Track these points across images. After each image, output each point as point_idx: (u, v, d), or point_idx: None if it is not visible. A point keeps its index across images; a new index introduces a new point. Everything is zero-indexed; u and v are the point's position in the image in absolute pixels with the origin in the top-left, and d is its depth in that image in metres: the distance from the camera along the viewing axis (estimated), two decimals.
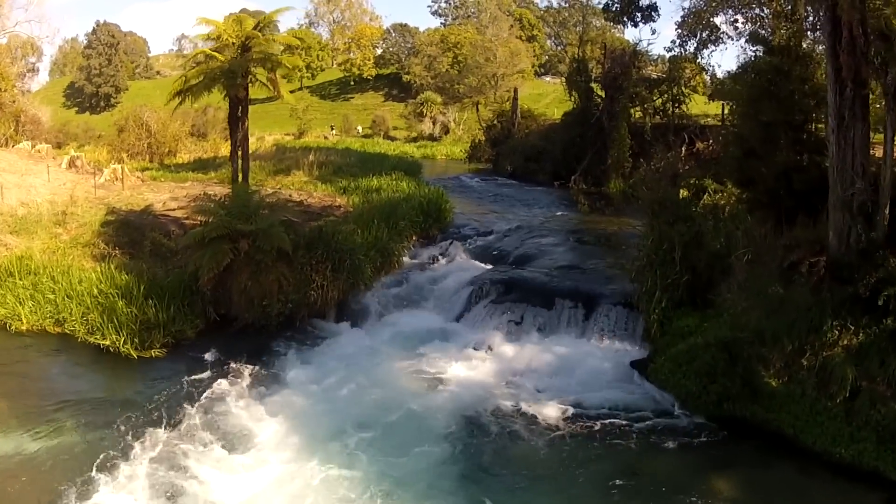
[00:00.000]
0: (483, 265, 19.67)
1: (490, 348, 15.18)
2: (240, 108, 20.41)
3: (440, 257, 20.67)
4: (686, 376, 13.40)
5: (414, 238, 21.95)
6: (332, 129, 71.89)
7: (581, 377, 13.87)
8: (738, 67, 18.02)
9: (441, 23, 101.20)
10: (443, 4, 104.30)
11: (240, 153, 21.23)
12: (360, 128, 72.24)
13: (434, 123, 66.78)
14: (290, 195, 25.16)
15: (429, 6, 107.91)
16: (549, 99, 66.43)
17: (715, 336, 13.74)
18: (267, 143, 51.75)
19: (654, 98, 36.01)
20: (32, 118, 48.56)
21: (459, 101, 67.48)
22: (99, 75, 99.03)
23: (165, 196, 25.25)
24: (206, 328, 16.47)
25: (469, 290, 17.03)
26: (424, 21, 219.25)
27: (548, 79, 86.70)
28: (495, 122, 47.26)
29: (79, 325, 16.35)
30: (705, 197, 22.11)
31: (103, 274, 17.45)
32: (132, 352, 15.28)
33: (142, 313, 15.90)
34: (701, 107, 36.63)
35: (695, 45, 32.04)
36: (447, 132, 66.51)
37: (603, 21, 69.72)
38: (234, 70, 19.02)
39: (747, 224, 16.33)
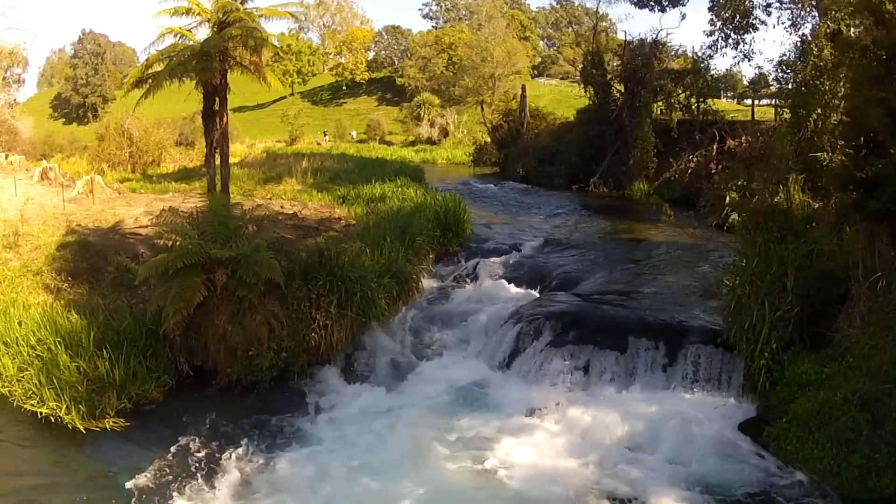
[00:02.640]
0: (520, 289, 16.03)
1: (554, 412, 11.30)
2: (216, 99, 16.51)
3: (467, 280, 16.99)
4: (820, 446, 10.03)
5: (432, 256, 18.29)
6: (326, 134, 68.77)
7: (680, 450, 10.16)
8: (833, 45, 14.62)
9: (433, 26, 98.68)
10: (434, 7, 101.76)
11: (218, 157, 17.35)
12: (354, 133, 69.37)
13: (432, 126, 63.83)
14: (282, 206, 21.82)
15: (420, 9, 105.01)
16: (545, 100, 63.51)
17: (852, 389, 10.36)
18: (257, 150, 49.46)
19: (679, 92, 33.00)
20: (9, 128, 46.03)
21: (458, 103, 64.60)
22: (86, 85, 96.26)
23: (140, 210, 21.90)
24: (178, 386, 12.58)
25: (516, 327, 13.16)
26: (415, 24, 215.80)
27: (542, 80, 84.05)
28: (502, 122, 44.16)
29: (15, 385, 12.57)
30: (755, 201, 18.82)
31: (45, 315, 13.66)
32: (78, 423, 11.47)
33: (92, 369, 12.07)
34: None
35: (731, 29, 29.08)
36: (446, 135, 63.57)
37: (601, 23, 67.15)
38: (208, 51, 15.24)
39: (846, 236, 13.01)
